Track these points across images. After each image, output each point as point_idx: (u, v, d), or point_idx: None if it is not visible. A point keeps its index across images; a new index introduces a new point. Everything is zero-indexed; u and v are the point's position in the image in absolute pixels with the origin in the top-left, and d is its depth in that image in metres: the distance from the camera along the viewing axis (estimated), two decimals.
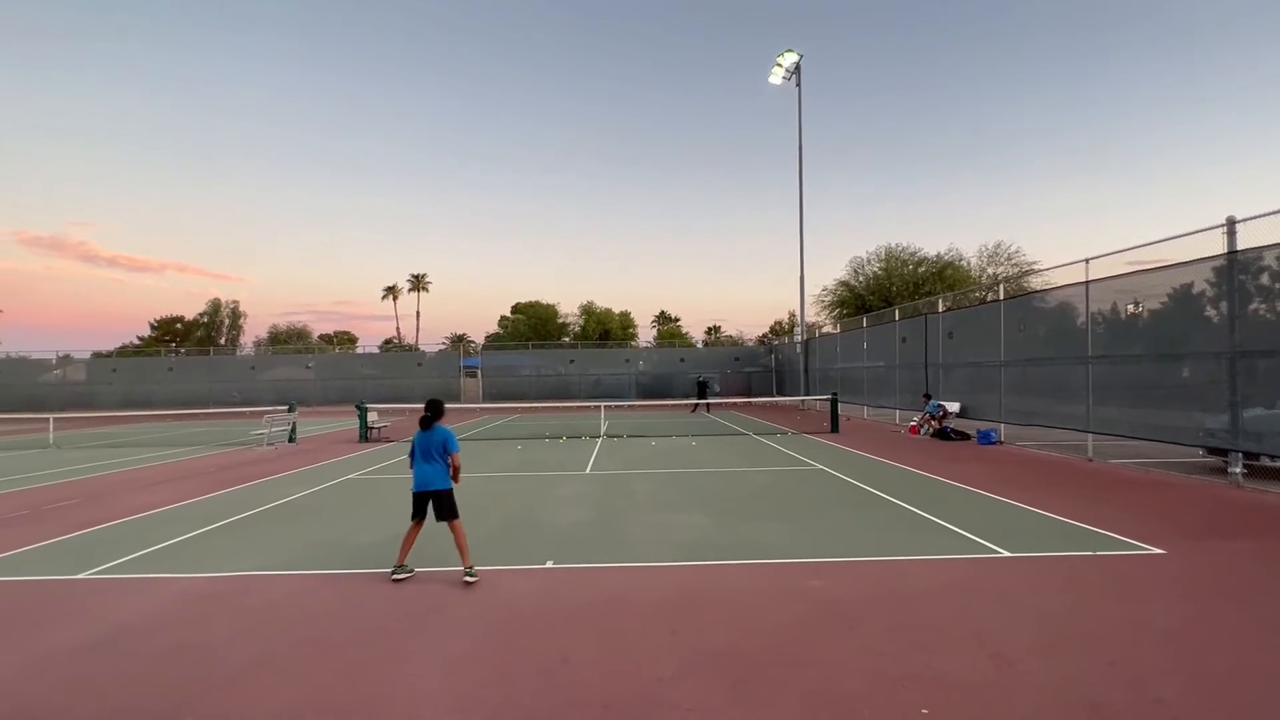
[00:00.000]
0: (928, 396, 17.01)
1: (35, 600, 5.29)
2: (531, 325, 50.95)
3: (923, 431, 16.69)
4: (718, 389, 29.84)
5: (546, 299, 54.99)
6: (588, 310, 53.49)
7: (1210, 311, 9.88)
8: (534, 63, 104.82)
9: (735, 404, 31.29)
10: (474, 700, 3.43)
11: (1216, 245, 9.34)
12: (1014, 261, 32.95)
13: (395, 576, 5.44)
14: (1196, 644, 3.96)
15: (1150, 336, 10.88)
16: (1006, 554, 5.91)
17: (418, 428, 5.74)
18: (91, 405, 35.39)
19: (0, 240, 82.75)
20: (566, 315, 54.07)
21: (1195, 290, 10.13)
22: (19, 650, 4.26)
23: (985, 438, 14.56)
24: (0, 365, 40.39)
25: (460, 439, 6.10)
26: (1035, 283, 22.61)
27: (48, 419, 20.62)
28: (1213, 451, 10.09)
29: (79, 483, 11.55)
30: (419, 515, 5.60)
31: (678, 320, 66.47)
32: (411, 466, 5.74)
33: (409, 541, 5.61)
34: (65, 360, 39.85)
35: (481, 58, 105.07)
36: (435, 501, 5.55)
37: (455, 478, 5.67)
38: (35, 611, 5.02)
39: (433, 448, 5.62)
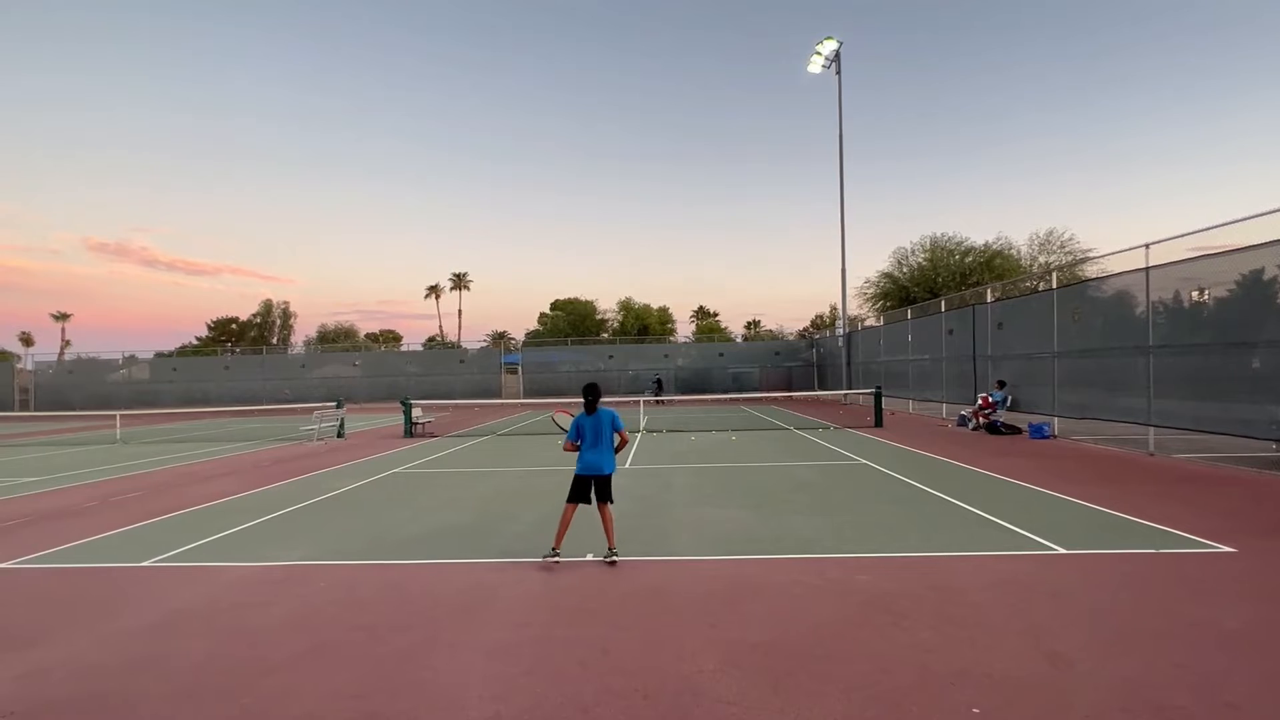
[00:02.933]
0: (1001, 384, 16.01)
1: (105, 585, 5.57)
2: (570, 321, 51.26)
3: (970, 425, 16.21)
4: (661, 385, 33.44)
5: (585, 295, 55.32)
6: (626, 306, 53.57)
7: None
8: (570, 59, 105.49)
9: (776, 399, 30.94)
10: (516, 688, 3.47)
11: None
12: (1067, 249, 31.69)
13: (550, 559, 5.59)
14: (1271, 646, 3.73)
15: (1217, 325, 10.32)
16: (1062, 550, 5.69)
17: (581, 411, 5.94)
18: (154, 403, 37.12)
19: (71, 246, 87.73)
20: (605, 311, 54.27)
21: (1267, 276, 9.57)
22: (91, 631, 4.48)
23: (1037, 431, 14.06)
24: (71, 366, 42.73)
25: (501, 434, 6.18)
26: (1090, 270, 21.76)
27: (115, 416, 21.70)
28: None
29: (144, 476, 12.12)
30: (580, 498, 5.73)
31: (716, 315, 66.10)
32: (573, 449, 5.91)
33: (566, 525, 5.73)
34: (130, 360, 41.87)
35: (515, 56, 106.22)
36: (600, 485, 5.74)
37: (620, 448, 5.90)
38: (105, 595, 5.28)
39: (603, 429, 5.78)
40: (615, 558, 5.64)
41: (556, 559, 5.60)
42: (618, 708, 3.23)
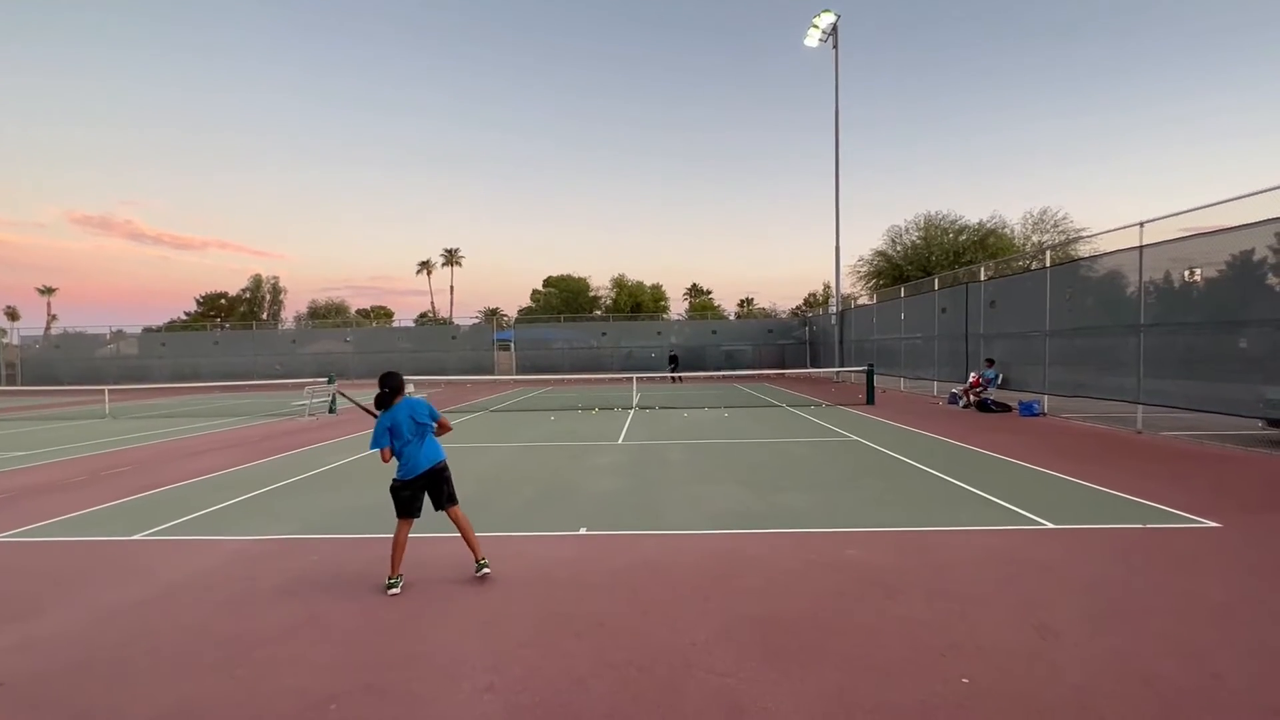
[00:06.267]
0: (990, 362, 16.22)
1: (95, 559, 5.53)
2: (564, 298, 51.05)
3: (961, 403, 16.31)
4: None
5: (578, 272, 55.03)
6: (619, 283, 53.32)
7: (1273, 279, 9.37)
8: (559, 33, 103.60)
9: (769, 376, 31.02)
10: (511, 659, 3.48)
11: None
12: (1060, 228, 31.69)
13: (392, 592, 4.52)
14: (1256, 619, 3.79)
15: (1207, 304, 10.37)
16: (1051, 526, 5.75)
17: (378, 412, 4.79)
18: (143, 378, 36.78)
19: (54, 220, 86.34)
20: (598, 288, 54.04)
21: (1257, 256, 9.61)
22: (81, 605, 4.46)
23: (1027, 409, 14.16)
24: (58, 341, 42.24)
25: (494, 410, 6.02)
26: (1083, 250, 21.77)
27: (103, 391, 21.51)
28: (1273, 424, 9.65)
29: (133, 450, 12.03)
30: (413, 511, 4.73)
31: (710, 293, 65.95)
32: (392, 458, 4.73)
33: (403, 545, 4.68)
34: (118, 335, 41.39)
35: (503, 30, 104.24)
36: (440, 479, 4.74)
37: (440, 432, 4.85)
38: (95, 569, 5.25)
39: (419, 419, 4.70)
40: (486, 569, 4.69)
41: (396, 590, 4.54)
42: (613, 679, 3.25)
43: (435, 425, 4.84)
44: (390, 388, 4.75)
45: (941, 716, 2.85)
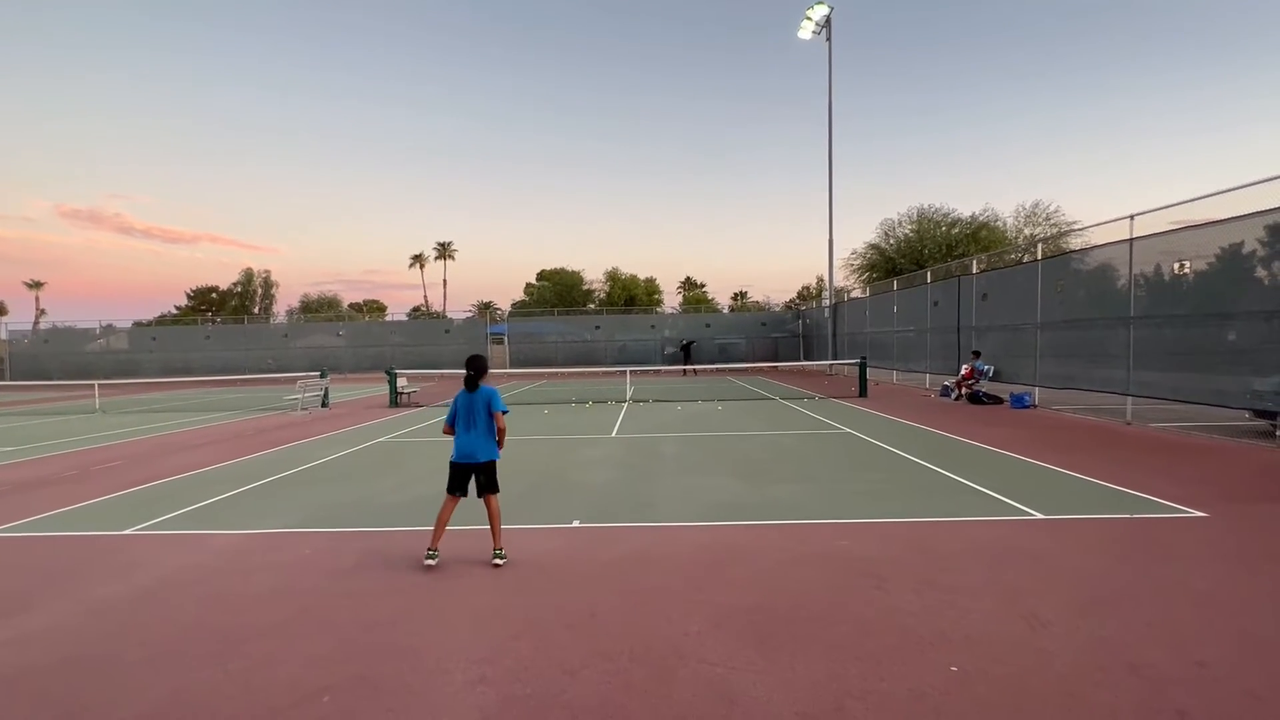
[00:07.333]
0: (977, 354, 16.40)
1: (86, 553, 5.51)
2: (557, 292, 50.90)
3: (953, 395, 16.39)
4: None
5: (572, 266, 54.91)
6: (613, 276, 53.22)
7: (1261, 272, 9.44)
8: (553, 25, 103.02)
9: (762, 369, 31.08)
10: (503, 651, 3.49)
11: (1271, 200, 8.87)
12: (1052, 221, 31.78)
13: (429, 562, 4.84)
14: (1241, 607, 3.84)
15: (1196, 297, 10.45)
16: (1040, 516, 5.80)
17: (462, 387, 5.10)
18: (134, 373, 36.52)
19: (42, 213, 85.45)
20: (592, 282, 53.91)
21: (1246, 249, 9.67)
22: (72, 599, 4.45)
23: (1019, 401, 14.26)
24: (47, 335, 41.83)
25: None
26: (1075, 243, 21.89)
27: (93, 386, 21.34)
28: (1260, 415, 9.73)
29: (124, 445, 11.97)
30: (458, 489, 5.00)
31: (703, 286, 65.89)
32: (450, 433, 5.11)
33: (444, 521, 5.00)
34: (108, 330, 41.05)
35: (498, 23, 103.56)
36: (479, 474, 4.99)
37: (500, 442, 5.11)
38: (86, 563, 5.23)
39: (477, 411, 4.98)
40: (501, 560, 4.88)
41: (433, 561, 4.84)
42: (604, 669, 3.27)
43: (492, 424, 5.05)
44: (475, 370, 5.08)
45: (930, 704, 2.88)
